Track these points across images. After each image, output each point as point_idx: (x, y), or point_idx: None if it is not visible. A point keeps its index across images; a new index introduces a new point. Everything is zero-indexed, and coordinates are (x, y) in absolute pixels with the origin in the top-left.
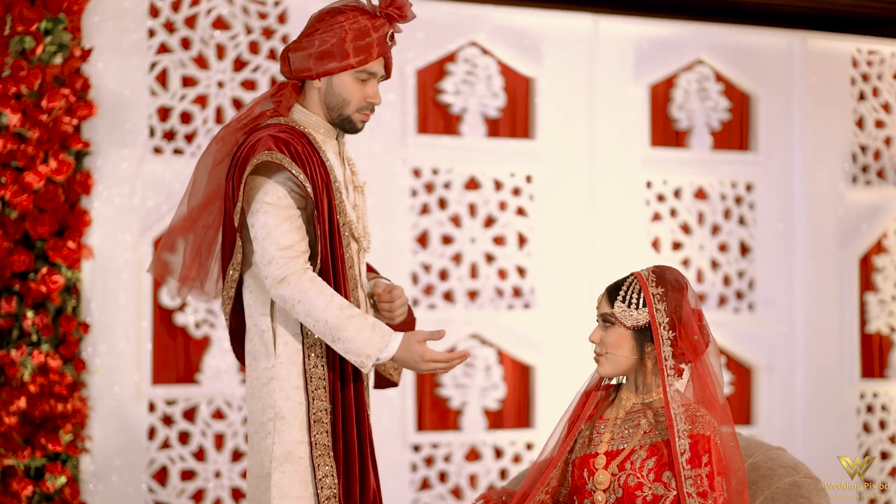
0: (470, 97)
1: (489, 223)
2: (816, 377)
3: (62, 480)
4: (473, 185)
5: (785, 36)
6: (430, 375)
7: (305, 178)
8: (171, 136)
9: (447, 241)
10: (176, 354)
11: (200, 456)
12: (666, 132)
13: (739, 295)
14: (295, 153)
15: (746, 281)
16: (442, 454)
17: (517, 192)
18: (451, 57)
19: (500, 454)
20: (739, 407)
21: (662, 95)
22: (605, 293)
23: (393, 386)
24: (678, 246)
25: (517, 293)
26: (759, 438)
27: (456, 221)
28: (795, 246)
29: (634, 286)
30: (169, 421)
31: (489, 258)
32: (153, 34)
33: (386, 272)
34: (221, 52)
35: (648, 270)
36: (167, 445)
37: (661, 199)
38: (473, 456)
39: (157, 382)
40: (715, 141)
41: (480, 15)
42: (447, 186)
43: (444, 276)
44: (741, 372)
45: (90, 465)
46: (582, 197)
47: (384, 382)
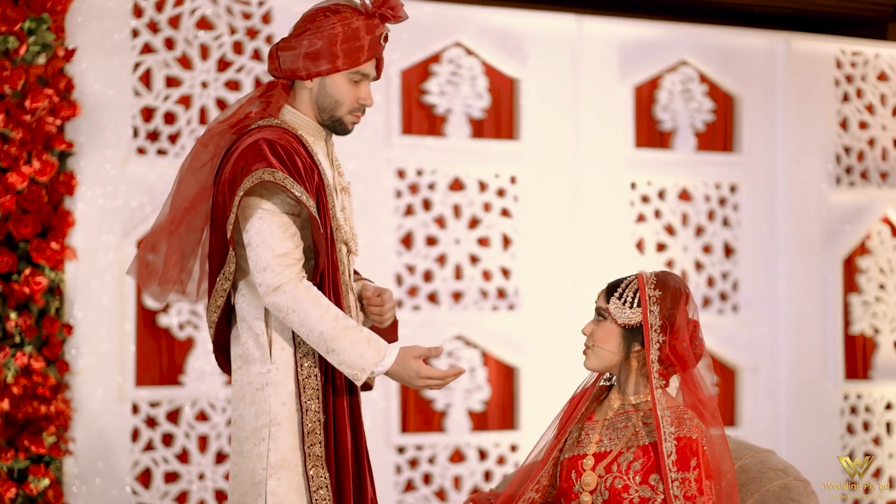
0: (454, 98)
1: (473, 224)
2: (800, 378)
3: (45, 483)
4: (458, 186)
5: (769, 37)
6: None
7: (308, 196)
8: (154, 136)
9: (431, 242)
10: (159, 356)
11: (184, 458)
12: (650, 133)
13: (723, 296)
14: (293, 166)
15: (730, 282)
16: (426, 456)
17: (501, 193)
18: (435, 58)
19: (484, 456)
20: (723, 408)
21: (647, 96)
22: (604, 288)
23: (367, 389)
24: (662, 247)
25: (501, 294)
26: (743, 440)
27: (440, 222)
28: (779, 247)
29: (633, 285)
30: (152, 423)
31: (473, 259)
32: (137, 34)
33: (370, 273)
34: (205, 52)
35: (652, 273)
36: (151, 447)
37: (645, 200)
38: (458, 458)
39: (140, 384)
40: (699, 142)
41: (465, 15)
42: (431, 187)
43: (428, 277)
44: (725, 373)
45: (73, 467)
46: (566, 198)
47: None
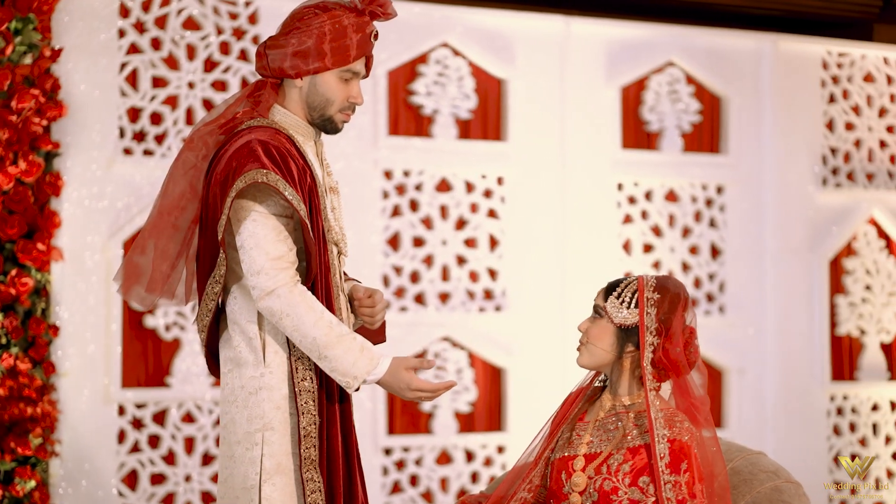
0: (441, 99)
1: (460, 225)
2: (787, 380)
3: (32, 484)
4: (445, 186)
5: (755, 38)
6: None
7: (300, 200)
8: (141, 137)
9: (418, 243)
10: (146, 357)
11: (170, 460)
12: (637, 134)
13: (710, 297)
14: (286, 168)
15: (717, 283)
16: (413, 457)
17: (488, 194)
18: (422, 58)
19: (471, 457)
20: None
21: (634, 97)
22: (604, 287)
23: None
24: (649, 248)
25: (488, 295)
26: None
27: (427, 223)
28: (766, 248)
29: (632, 286)
30: (139, 424)
31: (460, 260)
32: (123, 34)
33: (357, 274)
34: (192, 52)
35: (653, 276)
36: (137, 449)
37: (632, 201)
38: (445, 459)
39: (126, 385)
40: (686, 143)
41: (452, 16)
42: (418, 188)
43: (415, 278)
44: (712, 374)
45: (60, 468)
46: (553, 199)
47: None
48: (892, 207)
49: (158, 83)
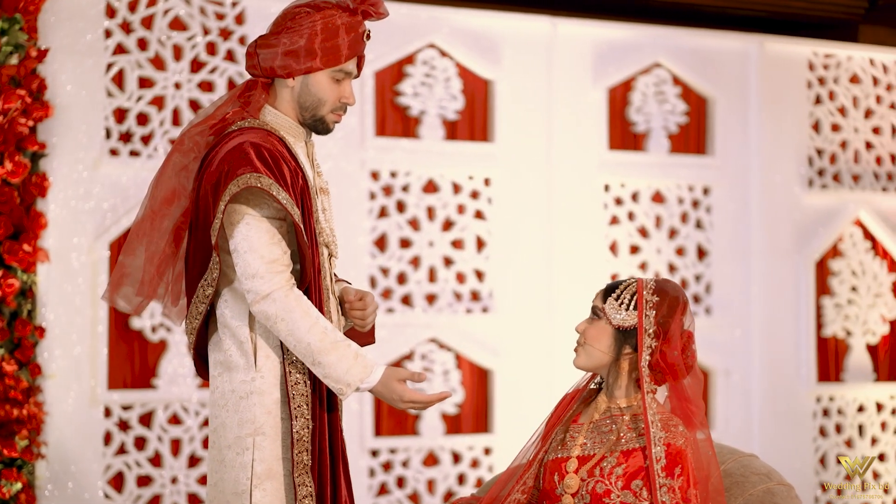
0: (428, 99)
1: (447, 226)
2: (773, 381)
3: (18, 486)
4: (432, 188)
5: (742, 39)
6: None
7: (293, 204)
8: (127, 137)
9: (405, 244)
10: (132, 359)
11: (157, 461)
12: (624, 135)
13: (696, 299)
14: (279, 171)
15: (703, 284)
16: (400, 459)
17: (475, 195)
18: (409, 59)
19: (458, 459)
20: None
21: (620, 98)
22: (603, 288)
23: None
24: (636, 249)
25: (475, 297)
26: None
27: (414, 225)
28: (752, 249)
29: (631, 288)
30: (125, 426)
31: (447, 262)
32: (110, 35)
33: (343, 275)
34: (178, 53)
35: (652, 279)
36: (123, 451)
37: (618, 202)
38: (431, 461)
39: (112, 387)
40: (672, 144)
41: (439, 17)
42: (405, 189)
43: (402, 279)
44: None
45: (46, 470)
46: (540, 200)
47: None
48: (878, 209)
49: (145, 84)
